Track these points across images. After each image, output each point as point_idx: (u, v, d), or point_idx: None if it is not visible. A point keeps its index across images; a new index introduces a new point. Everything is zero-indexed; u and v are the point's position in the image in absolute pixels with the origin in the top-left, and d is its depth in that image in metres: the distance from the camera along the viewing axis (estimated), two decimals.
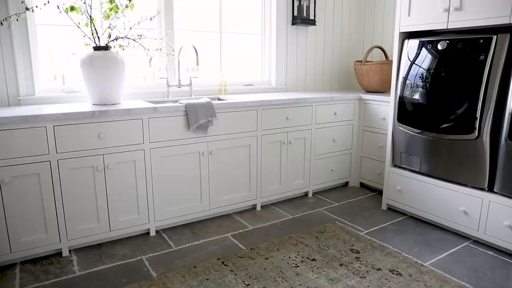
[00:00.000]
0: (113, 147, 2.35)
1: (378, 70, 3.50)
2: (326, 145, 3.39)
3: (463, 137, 2.50)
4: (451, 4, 2.49)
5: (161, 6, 3.04)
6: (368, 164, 3.50)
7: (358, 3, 4.09)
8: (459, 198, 2.58)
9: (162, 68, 3.12)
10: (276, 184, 3.14)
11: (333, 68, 4.09)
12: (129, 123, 2.38)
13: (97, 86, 2.47)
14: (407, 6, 2.76)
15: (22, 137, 2.08)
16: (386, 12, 3.83)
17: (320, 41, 3.92)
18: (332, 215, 2.99)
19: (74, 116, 2.19)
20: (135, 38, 2.61)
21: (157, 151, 2.52)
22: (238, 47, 3.55)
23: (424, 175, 2.79)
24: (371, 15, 3.99)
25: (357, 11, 4.10)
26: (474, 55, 2.40)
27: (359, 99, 3.48)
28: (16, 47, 2.51)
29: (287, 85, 3.79)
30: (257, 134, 2.93)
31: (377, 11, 3.92)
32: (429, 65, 2.65)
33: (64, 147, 2.20)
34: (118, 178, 2.41)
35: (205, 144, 2.70)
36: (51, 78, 2.77)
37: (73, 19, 2.48)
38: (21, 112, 2.15)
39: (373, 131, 3.40)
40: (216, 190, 2.83)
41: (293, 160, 3.20)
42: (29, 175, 2.14)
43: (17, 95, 2.57)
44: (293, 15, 3.65)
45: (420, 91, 2.72)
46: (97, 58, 2.43)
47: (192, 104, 2.58)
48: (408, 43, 2.79)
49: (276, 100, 2.95)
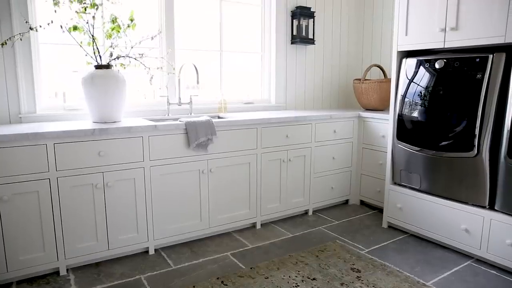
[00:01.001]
0: (113, 165, 2.35)
1: (377, 88, 3.53)
2: (326, 163, 3.39)
3: (462, 154, 2.50)
4: (447, 24, 2.54)
5: (162, 26, 3.09)
6: (368, 182, 3.50)
7: (357, 22, 4.15)
8: (460, 216, 2.56)
9: (163, 87, 3.15)
10: (276, 202, 3.13)
11: (332, 86, 4.13)
12: (129, 141, 2.39)
13: (98, 104, 2.49)
14: (404, 25, 2.81)
15: (22, 154, 2.09)
16: (384, 31, 3.89)
17: (319, 59, 3.97)
18: (332, 234, 2.96)
19: (75, 133, 2.20)
20: (136, 57, 2.65)
21: (157, 169, 2.52)
22: (238, 66, 3.59)
23: (424, 193, 2.78)
24: (370, 34, 4.05)
25: (356, 30, 4.17)
26: (471, 73, 2.43)
27: (358, 117, 3.50)
28: (19, 66, 2.54)
29: (287, 103, 3.81)
30: (257, 152, 2.93)
31: (375, 30, 3.98)
32: (427, 83, 2.68)
33: (64, 165, 2.21)
34: (117, 196, 2.40)
35: (205, 162, 2.70)
36: (52, 95, 2.80)
37: (76, 38, 2.52)
38: (22, 130, 2.16)
39: (373, 149, 3.41)
40: (216, 208, 2.82)
41: (293, 178, 3.19)
42: (29, 193, 2.14)
43: (18, 112, 2.58)
44: (292, 34, 3.70)
45: (418, 109, 2.74)
46: (98, 76, 2.46)
47: (192, 122, 2.59)
48: (406, 61, 2.83)
49: (275, 118, 2.97)
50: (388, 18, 3.81)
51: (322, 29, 3.93)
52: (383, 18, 3.88)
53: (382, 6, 3.89)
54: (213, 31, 3.40)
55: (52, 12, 2.41)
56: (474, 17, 2.40)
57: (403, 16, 2.81)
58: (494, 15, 2.30)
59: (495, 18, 2.30)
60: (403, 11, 2.80)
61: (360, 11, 4.13)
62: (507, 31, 2.24)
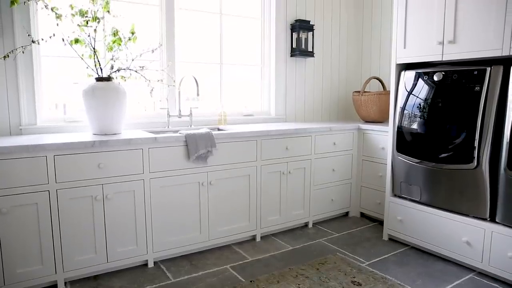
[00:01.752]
0: (112, 177, 2.35)
1: (376, 100, 3.55)
2: (326, 175, 3.38)
3: (462, 166, 2.50)
4: (445, 37, 2.56)
5: (163, 39, 3.12)
6: (368, 194, 3.49)
7: (355, 35, 4.20)
8: (461, 228, 2.55)
9: (163, 99, 3.16)
10: (276, 215, 3.12)
11: (332, 98, 4.15)
12: (129, 153, 2.39)
13: (98, 116, 2.50)
14: (402, 38, 2.84)
15: (22, 166, 2.09)
16: (382, 44, 3.93)
17: (318, 72, 4.00)
18: (332, 246, 2.95)
19: (75, 145, 2.20)
20: (137, 69, 2.67)
21: (157, 181, 2.51)
22: (238, 78, 3.62)
23: (425, 205, 2.77)
24: (368, 47, 4.09)
25: (355, 43, 4.21)
26: (470, 86, 2.44)
27: (358, 129, 3.51)
28: (20, 78, 2.56)
29: (287, 115, 3.83)
30: (256, 164, 2.93)
31: (374, 43, 4.02)
32: (426, 95, 2.70)
33: (64, 177, 2.20)
34: (117, 208, 2.40)
35: (204, 174, 2.70)
36: (52, 107, 2.81)
37: (77, 51, 2.54)
38: (22, 142, 2.16)
39: (373, 161, 3.41)
40: (216, 221, 2.80)
41: (293, 190, 3.18)
42: (28, 205, 2.13)
43: (19, 124, 2.59)
44: (292, 47, 3.74)
45: (418, 121, 2.75)
46: (99, 89, 2.48)
47: (192, 134, 2.60)
48: (405, 74, 2.85)
49: (275, 130, 2.98)
50: (386, 31, 3.85)
51: (321, 42, 3.97)
52: (382, 31, 3.92)
53: (380, 19, 3.93)
54: (213, 44, 3.43)
55: (54, 25, 2.43)
56: (471, 30, 2.43)
57: (401, 29, 2.84)
58: (490, 29, 2.33)
59: (491, 31, 2.32)
60: (401, 24, 2.84)
61: (358, 23, 4.17)
62: (504, 44, 2.27)
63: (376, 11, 3.97)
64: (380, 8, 3.92)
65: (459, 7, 2.48)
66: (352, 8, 4.14)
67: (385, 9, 3.86)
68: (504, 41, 2.27)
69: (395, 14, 2.88)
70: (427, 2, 2.66)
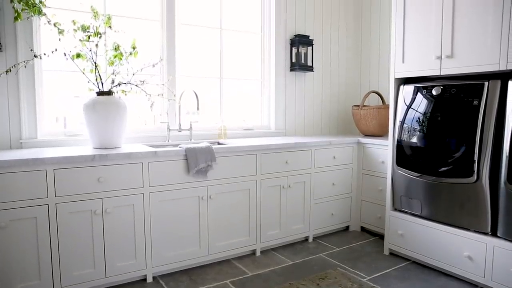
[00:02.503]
0: (112, 191, 2.34)
1: (376, 114, 3.56)
2: (326, 189, 3.37)
3: (462, 180, 2.50)
4: (443, 52, 2.59)
5: (164, 54, 3.15)
6: (369, 208, 3.47)
7: (354, 49, 4.24)
8: (462, 242, 2.53)
9: (163, 113, 3.18)
10: (276, 229, 3.10)
11: (331, 112, 4.17)
12: (129, 167, 2.39)
13: (99, 130, 2.51)
14: (401, 53, 2.87)
15: (21, 180, 2.08)
16: (381, 59, 3.96)
17: (318, 86, 4.03)
18: (333, 261, 2.92)
19: (75, 159, 2.20)
20: (137, 83, 2.69)
21: (156, 195, 2.50)
22: (238, 92, 3.64)
23: (426, 219, 2.76)
24: (367, 61, 4.13)
25: (354, 57, 4.25)
26: (468, 100, 2.46)
27: (357, 143, 3.52)
28: (22, 92, 2.58)
29: (286, 129, 3.84)
30: (256, 178, 2.93)
31: (373, 57, 4.06)
32: (425, 109, 2.71)
33: (63, 191, 2.20)
34: (116, 222, 2.38)
35: (204, 189, 2.69)
36: (53, 120, 2.82)
37: (79, 65, 2.57)
38: (22, 155, 2.16)
39: (373, 175, 3.41)
40: (215, 235, 2.79)
41: (293, 204, 3.17)
42: (26, 219, 2.12)
43: (19, 138, 2.60)
44: (292, 61, 3.77)
45: (417, 134, 2.76)
46: (99, 103, 2.49)
47: (192, 148, 2.60)
48: (404, 88, 2.87)
49: (275, 144, 2.99)
50: (385, 45, 3.89)
51: (320, 57, 4.01)
52: (380, 46, 3.96)
53: (379, 34, 3.98)
54: (214, 59, 3.47)
55: (56, 40, 2.46)
56: (469, 45, 2.45)
57: (400, 44, 2.87)
58: (487, 44, 2.36)
59: (488, 46, 2.35)
60: (400, 39, 2.87)
61: (357, 38, 4.22)
62: (501, 59, 2.29)
63: (374, 26, 4.02)
64: (378, 23, 3.97)
65: (456, 22, 2.52)
66: (351, 23, 4.19)
67: (383, 24, 3.91)
68: (501, 55, 2.29)
69: (393, 29, 2.92)
70: (425, 17, 2.70)
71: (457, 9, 2.51)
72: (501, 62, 2.29)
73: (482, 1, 2.38)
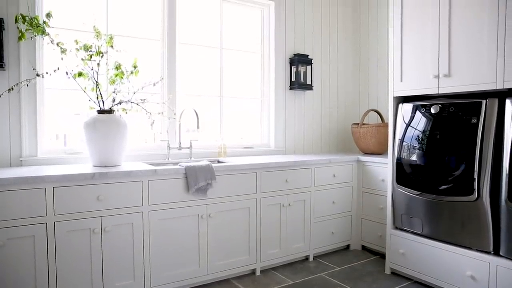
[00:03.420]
0: (111, 209, 2.33)
1: (375, 132, 3.58)
2: (326, 207, 3.36)
3: (463, 198, 2.49)
4: (440, 71, 2.62)
5: (165, 72, 3.18)
6: (369, 227, 3.45)
7: (353, 68, 4.29)
8: (465, 262, 2.50)
9: (164, 131, 3.19)
10: (276, 248, 3.07)
11: (331, 130, 4.19)
12: (129, 185, 2.38)
13: (99, 148, 2.51)
14: (399, 72, 2.90)
15: (20, 198, 2.07)
16: (380, 77, 4.00)
17: (317, 104, 4.06)
18: (334, 280, 2.88)
19: (75, 177, 2.20)
20: (138, 102, 2.71)
21: (156, 214, 2.49)
22: (237, 111, 3.66)
23: (427, 238, 2.73)
24: (366, 80, 4.17)
25: (352, 76, 4.29)
26: (466, 118, 2.47)
27: (357, 161, 3.52)
28: (23, 111, 2.60)
29: (286, 147, 3.84)
30: (256, 197, 2.92)
31: (371, 76, 4.10)
32: (424, 127, 2.72)
33: (62, 209, 2.19)
34: (114, 241, 2.36)
35: (204, 207, 2.68)
36: (53, 137, 2.83)
37: (80, 84, 2.59)
38: (22, 173, 2.16)
39: (373, 193, 3.40)
40: (215, 254, 2.76)
41: (293, 223, 3.15)
42: (24, 238, 2.10)
43: (19, 156, 2.60)
44: (291, 80, 3.81)
45: (417, 152, 2.77)
46: (100, 121, 2.50)
47: (192, 167, 2.60)
48: (403, 107, 2.89)
49: (275, 162, 2.99)
50: (383, 63, 3.94)
51: (319, 75, 4.05)
52: (379, 64, 4.01)
53: (377, 53, 4.03)
54: (214, 77, 3.50)
55: (58, 59, 2.49)
56: (466, 64, 2.49)
57: (398, 63, 2.91)
58: (484, 63, 2.39)
59: (485, 65, 2.38)
60: (397, 58, 2.91)
61: (356, 57, 4.27)
62: (498, 78, 2.32)
63: (372, 45, 4.08)
64: (376, 42, 4.03)
65: (453, 42, 2.56)
66: (349, 41, 4.26)
67: (381, 43, 3.97)
68: (497, 74, 2.32)
69: (391, 48, 2.96)
70: (422, 37, 2.74)
71: (453, 29, 2.56)
72: (498, 81, 2.32)
73: (477, 22, 2.42)
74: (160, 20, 3.20)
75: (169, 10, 3.19)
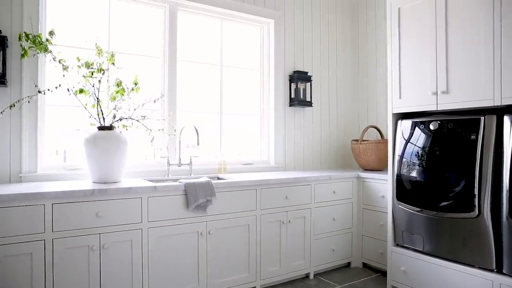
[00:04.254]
0: (110, 226, 2.31)
1: (375, 148, 3.58)
2: (326, 224, 3.33)
3: (464, 215, 2.48)
4: (438, 88, 2.65)
5: (165, 89, 3.21)
6: (370, 243, 3.42)
7: (352, 84, 4.32)
8: (467, 280, 2.47)
9: (163, 147, 3.19)
10: (276, 265, 3.03)
11: (331, 147, 4.20)
12: (128, 201, 2.37)
13: (99, 164, 2.51)
14: (397, 89, 2.92)
15: (19, 214, 2.06)
16: (378, 94, 4.03)
17: (317, 121, 4.07)
18: None
19: (74, 194, 2.19)
20: (138, 118, 2.72)
21: (155, 231, 2.47)
22: (237, 127, 3.67)
23: (428, 255, 2.70)
24: (365, 97, 4.20)
25: (351, 93, 4.33)
26: (466, 134, 2.48)
27: (357, 177, 3.52)
28: (24, 127, 2.60)
29: (286, 164, 3.84)
30: (256, 214, 2.90)
31: (370, 93, 4.13)
32: (424, 144, 2.73)
33: (61, 226, 2.17)
34: (113, 258, 2.33)
35: (203, 224, 2.66)
36: (53, 152, 2.83)
37: (81, 100, 2.61)
38: (21, 189, 2.15)
39: (373, 209, 3.38)
40: (214, 272, 2.72)
41: (293, 240, 3.12)
42: (22, 255, 2.08)
43: (19, 172, 2.59)
44: (291, 97, 3.84)
45: (416, 169, 2.76)
46: (100, 137, 2.51)
47: (191, 183, 2.59)
48: (402, 123, 2.90)
49: (275, 179, 2.98)
50: (382, 80, 3.97)
51: (319, 92, 4.08)
52: (377, 81, 4.05)
53: (375, 70, 4.07)
54: (214, 94, 3.53)
55: (60, 76, 2.52)
56: (464, 81, 2.51)
57: (396, 80, 2.93)
58: (481, 80, 2.41)
59: (482, 83, 2.41)
60: (396, 75, 2.94)
61: (355, 74, 4.31)
62: (495, 95, 2.34)
63: (371, 62, 4.12)
64: (375, 58, 4.08)
65: (450, 59, 2.59)
66: (348, 58, 4.30)
67: (379, 60, 4.01)
68: (495, 91, 2.34)
69: (389, 66, 2.99)
70: (420, 55, 2.78)
71: (450, 47, 2.59)
72: (495, 98, 2.34)
73: (473, 40, 2.46)
74: (161, 37, 3.24)
75: (170, 27, 3.24)
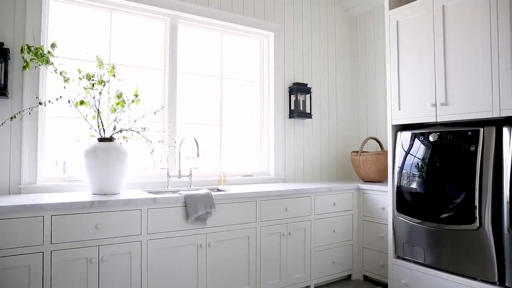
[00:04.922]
0: (109, 238, 2.30)
1: (375, 160, 3.58)
2: (327, 236, 3.31)
3: (464, 227, 2.46)
4: (437, 100, 2.66)
5: (165, 101, 3.22)
6: (371, 256, 3.39)
7: (351, 96, 4.34)
8: None
9: (163, 159, 3.19)
10: (276, 278, 3.00)
11: (330, 158, 4.20)
12: (128, 213, 2.36)
13: (99, 176, 2.50)
14: (397, 101, 2.94)
15: (17, 226, 2.05)
16: (378, 106, 4.05)
17: (316, 132, 4.08)
18: None
19: (73, 205, 2.18)
20: (138, 130, 2.72)
21: (154, 243, 2.45)
22: (237, 139, 3.68)
23: (430, 267, 2.68)
24: (365, 108, 4.21)
25: (351, 105, 4.34)
26: (465, 146, 2.49)
27: (357, 189, 3.51)
28: (24, 139, 2.61)
29: (286, 175, 3.84)
30: (256, 226, 2.89)
31: (369, 104, 4.15)
32: (423, 155, 2.73)
33: (60, 238, 2.15)
34: (112, 271, 2.31)
35: (203, 236, 2.64)
36: (52, 163, 2.82)
37: (82, 112, 2.61)
38: (20, 201, 2.14)
39: (373, 221, 3.36)
40: (214, 284, 2.69)
41: (293, 252, 3.10)
42: (19, 267, 2.06)
43: (18, 183, 2.59)
44: (290, 109, 3.85)
45: (416, 180, 2.76)
46: (100, 149, 2.51)
47: (191, 195, 2.59)
48: (401, 135, 2.91)
49: (274, 191, 2.97)
50: (381, 92, 3.99)
51: (318, 104, 4.10)
52: (377, 93, 4.07)
53: (374, 81, 4.09)
54: (214, 106, 3.54)
55: (61, 87, 2.53)
56: (462, 93, 2.53)
57: (395, 92, 2.95)
58: (480, 92, 2.43)
59: (481, 94, 2.42)
60: (395, 87, 2.96)
61: (354, 85, 4.34)
62: (494, 106, 2.35)
63: (370, 74, 4.15)
64: (374, 71, 4.11)
65: (448, 71, 2.61)
66: (348, 70, 4.33)
67: (379, 72, 4.04)
68: (493, 103, 2.35)
69: (388, 78, 3.01)
70: (419, 67, 2.80)
71: (448, 59, 2.61)
72: (494, 109, 2.35)
73: (471, 52, 2.48)
74: (162, 50, 3.27)
75: (171, 40, 3.27)
